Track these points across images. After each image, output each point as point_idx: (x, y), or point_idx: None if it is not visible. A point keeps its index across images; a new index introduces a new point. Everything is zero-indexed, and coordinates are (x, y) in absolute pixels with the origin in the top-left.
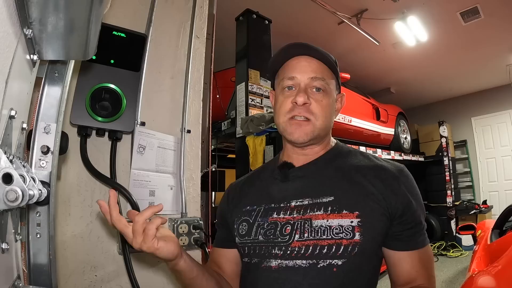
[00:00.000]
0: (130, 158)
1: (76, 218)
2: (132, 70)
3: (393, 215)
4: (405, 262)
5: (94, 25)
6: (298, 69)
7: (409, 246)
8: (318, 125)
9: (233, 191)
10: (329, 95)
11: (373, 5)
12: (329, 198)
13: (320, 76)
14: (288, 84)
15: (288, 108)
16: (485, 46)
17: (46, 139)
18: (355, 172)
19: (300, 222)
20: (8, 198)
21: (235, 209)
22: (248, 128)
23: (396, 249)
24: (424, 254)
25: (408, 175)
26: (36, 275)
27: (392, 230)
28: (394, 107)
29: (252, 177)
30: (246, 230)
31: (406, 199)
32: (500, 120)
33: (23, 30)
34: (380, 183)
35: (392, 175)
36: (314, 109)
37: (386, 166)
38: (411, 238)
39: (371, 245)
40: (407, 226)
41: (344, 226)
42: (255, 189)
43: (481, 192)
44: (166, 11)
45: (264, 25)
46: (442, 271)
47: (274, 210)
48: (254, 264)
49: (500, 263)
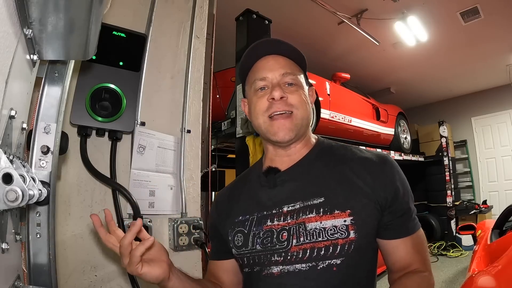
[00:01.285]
0: (130, 158)
1: (76, 218)
2: (132, 70)
3: (383, 206)
4: (398, 249)
5: (94, 25)
6: (268, 68)
7: (401, 233)
8: (300, 115)
9: (221, 201)
10: (302, 88)
11: (373, 5)
12: (320, 200)
13: (290, 71)
14: (261, 85)
15: (265, 107)
16: (485, 46)
17: (46, 139)
18: (341, 167)
19: (295, 227)
20: (8, 198)
21: (227, 220)
22: (248, 128)
23: (389, 238)
24: (417, 239)
25: (392, 163)
26: (36, 275)
27: (383, 220)
28: (394, 107)
29: (238, 184)
30: (242, 241)
31: (393, 188)
32: (500, 120)
33: (23, 30)
34: (367, 175)
35: (377, 166)
36: (292, 101)
37: (370, 157)
38: (402, 225)
39: (366, 240)
40: (397, 214)
41: (338, 226)
42: (244, 197)
43: (481, 192)
44: (166, 11)
45: (264, 25)
46: (442, 271)
47: (267, 217)
48: (255, 273)
49: (500, 263)
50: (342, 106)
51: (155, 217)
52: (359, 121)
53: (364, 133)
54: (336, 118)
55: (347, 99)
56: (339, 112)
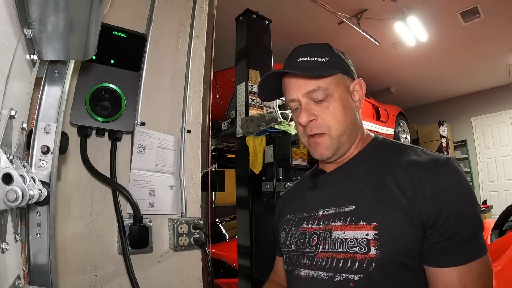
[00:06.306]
0: (130, 158)
1: (76, 218)
2: (132, 70)
3: (425, 224)
4: (440, 281)
5: (94, 25)
6: (292, 88)
7: (446, 261)
8: (334, 134)
9: (283, 198)
10: (333, 97)
11: (373, 5)
12: (351, 207)
13: (314, 87)
14: (293, 107)
15: (302, 130)
16: (485, 46)
17: (46, 139)
18: (385, 172)
19: (324, 232)
20: (8, 198)
21: (280, 218)
22: (248, 128)
23: (430, 265)
24: (470, 271)
25: (449, 170)
26: (36, 275)
27: (427, 241)
28: (394, 107)
29: (298, 183)
30: (284, 239)
31: (440, 202)
32: (500, 120)
33: (23, 30)
34: (409, 184)
35: (425, 172)
36: (323, 122)
37: (421, 161)
38: (448, 251)
39: (392, 261)
40: (441, 237)
41: (359, 239)
42: (295, 198)
43: (481, 192)
44: (166, 11)
45: (264, 25)
46: None
47: (305, 219)
48: (289, 272)
49: (500, 263)
50: None
51: (155, 217)
52: None
53: None
54: None
55: None
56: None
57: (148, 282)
